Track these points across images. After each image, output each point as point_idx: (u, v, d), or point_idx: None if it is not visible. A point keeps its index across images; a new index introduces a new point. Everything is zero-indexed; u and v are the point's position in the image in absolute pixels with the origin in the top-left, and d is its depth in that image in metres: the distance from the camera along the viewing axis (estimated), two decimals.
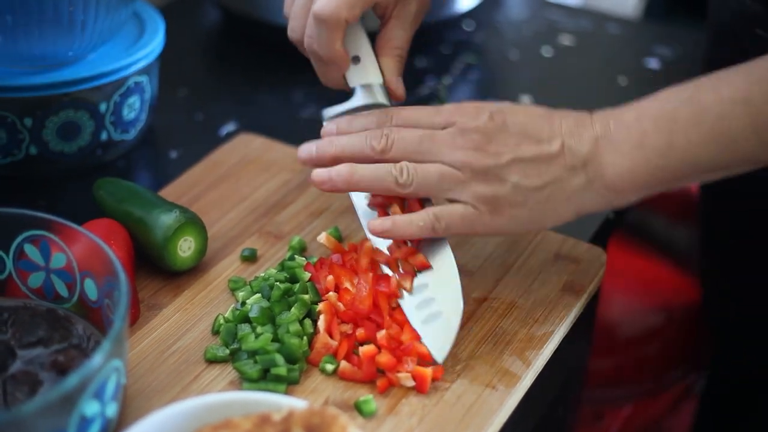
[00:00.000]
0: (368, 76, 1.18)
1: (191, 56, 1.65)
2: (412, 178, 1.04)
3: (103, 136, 1.32)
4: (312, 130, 1.44)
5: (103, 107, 1.29)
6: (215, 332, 1.07)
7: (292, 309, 1.06)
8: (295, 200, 1.26)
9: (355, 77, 1.18)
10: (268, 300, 1.08)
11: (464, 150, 1.03)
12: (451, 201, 1.05)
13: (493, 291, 1.13)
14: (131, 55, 1.30)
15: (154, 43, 1.33)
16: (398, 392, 1.00)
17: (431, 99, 1.52)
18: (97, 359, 0.84)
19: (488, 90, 1.58)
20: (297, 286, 1.09)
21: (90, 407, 0.86)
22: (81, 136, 1.30)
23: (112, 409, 0.90)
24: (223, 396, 0.92)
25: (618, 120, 1.04)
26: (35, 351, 0.97)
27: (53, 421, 0.83)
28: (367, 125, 1.11)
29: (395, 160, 1.05)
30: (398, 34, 1.19)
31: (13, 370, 0.95)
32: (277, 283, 1.09)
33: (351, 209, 1.24)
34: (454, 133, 1.05)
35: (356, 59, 1.18)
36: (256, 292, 1.10)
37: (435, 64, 1.63)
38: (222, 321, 1.07)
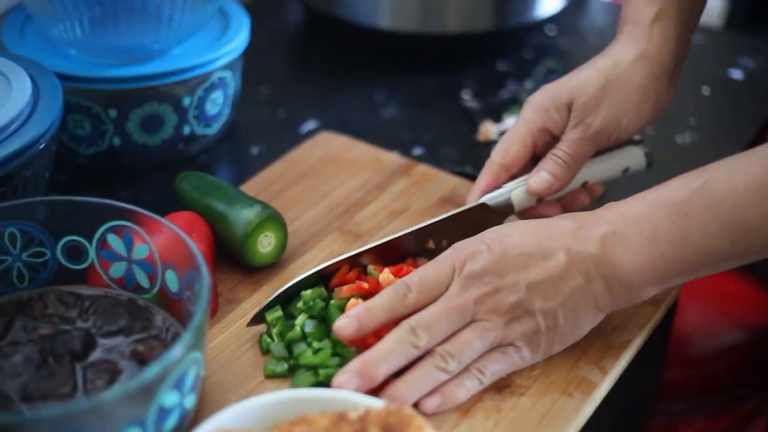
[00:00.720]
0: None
1: (275, 53, 1.66)
2: (458, 359, 0.97)
3: (186, 130, 1.33)
4: (393, 130, 1.45)
5: (186, 101, 1.30)
6: (264, 352, 1.05)
7: None
8: (375, 199, 1.26)
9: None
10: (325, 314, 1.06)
11: (483, 299, 0.98)
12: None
13: None
14: (216, 50, 1.31)
15: (239, 39, 1.34)
16: (474, 395, 1.00)
17: (512, 103, 1.51)
18: (177, 350, 0.85)
19: None
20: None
21: (169, 398, 0.86)
22: (164, 129, 1.31)
23: (190, 401, 0.91)
24: (299, 392, 0.92)
25: (626, 214, 0.99)
26: (116, 340, 0.98)
27: (133, 411, 0.83)
28: (387, 306, 1.00)
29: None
30: (566, 140, 1.16)
31: (94, 358, 0.96)
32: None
33: (430, 210, 1.24)
34: (465, 285, 0.98)
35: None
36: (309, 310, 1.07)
37: (517, 68, 1.62)
38: (269, 341, 1.05)
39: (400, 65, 1.60)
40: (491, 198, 1.16)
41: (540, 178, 1.15)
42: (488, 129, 1.43)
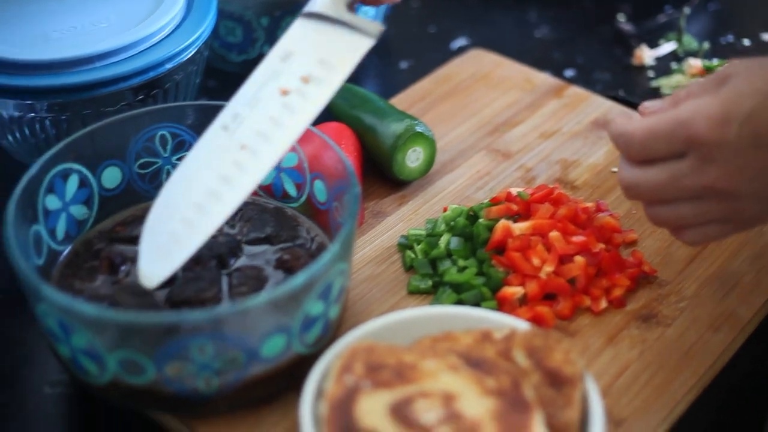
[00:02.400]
0: None
1: None
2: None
3: None
4: (545, 51, 1.42)
5: None
6: (408, 268, 1.05)
7: None
8: (525, 120, 1.24)
9: None
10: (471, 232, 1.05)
11: (717, 189, 0.88)
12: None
13: None
14: None
15: None
16: (619, 322, 0.98)
17: (668, 28, 1.47)
18: (325, 260, 0.84)
19: (727, 24, 1.52)
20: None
21: (315, 307, 0.86)
22: None
23: (334, 311, 0.91)
24: (445, 309, 0.91)
25: None
26: (261, 247, 0.98)
27: (278, 318, 0.84)
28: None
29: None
30: None
31: (239, 264, 0.96)
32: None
33: (581, 134, 1.21)
34: (702, 169, 0.87)
35: None
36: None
37: None
38: (412, 256, 1.05)
39: None
40: None
41: None
42: (643, 53, 1.40)
